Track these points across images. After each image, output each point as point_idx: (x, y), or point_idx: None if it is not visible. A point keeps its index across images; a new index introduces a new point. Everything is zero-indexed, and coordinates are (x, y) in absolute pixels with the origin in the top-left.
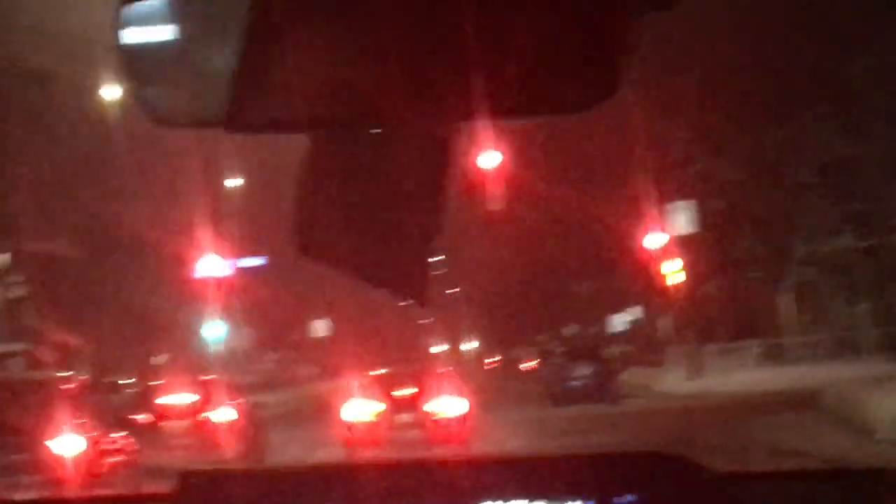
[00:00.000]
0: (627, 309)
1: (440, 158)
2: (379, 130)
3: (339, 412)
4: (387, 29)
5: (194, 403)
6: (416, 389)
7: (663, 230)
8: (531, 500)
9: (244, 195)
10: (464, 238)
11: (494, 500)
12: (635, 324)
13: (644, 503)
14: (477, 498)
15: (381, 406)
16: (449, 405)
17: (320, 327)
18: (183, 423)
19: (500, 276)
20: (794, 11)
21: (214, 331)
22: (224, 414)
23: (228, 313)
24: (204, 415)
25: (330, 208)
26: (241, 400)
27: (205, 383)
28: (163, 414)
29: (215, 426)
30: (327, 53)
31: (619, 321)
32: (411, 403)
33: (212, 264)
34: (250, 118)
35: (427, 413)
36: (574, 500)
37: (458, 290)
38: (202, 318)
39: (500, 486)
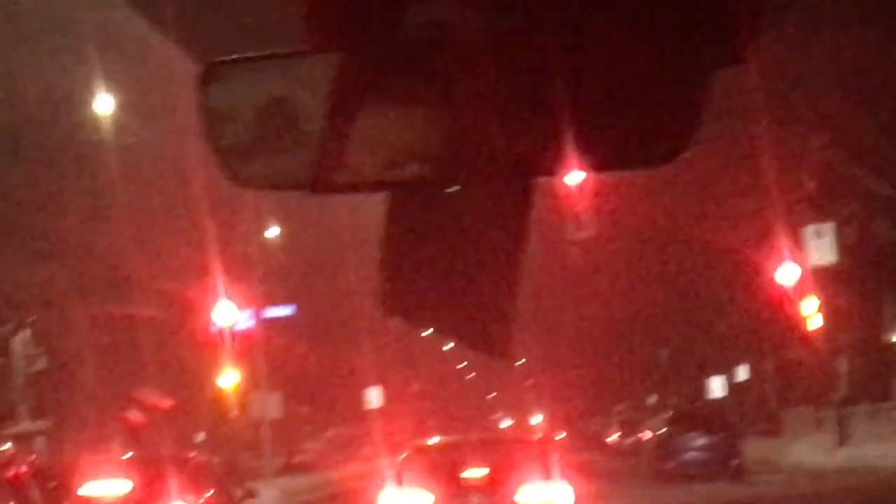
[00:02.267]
0: (731, 369)
1: (520, 213)
2: (457, 188)
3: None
4: (463, 88)
5: (127, 496)
6: (487, 470)
7: (794, 260)
8: None
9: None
10: (531, 286)
11: None
12: (738, 387)
13: None
14: None
15: (429, 498)
16: (549, 494)
17: (374, 397)
18: None
19: (573, 338)
20: None
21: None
22: None
23: (253, 373)
24: None
25: (410, 265)
26: (209, 493)
27: (146, 463)
28: None
29: None
30: (408, 114)
31: (718, 385)
32: (489, 489)
33: (228, 313)
34: (333, 180)
35: None
36: None
37: (523, 361)
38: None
39: None
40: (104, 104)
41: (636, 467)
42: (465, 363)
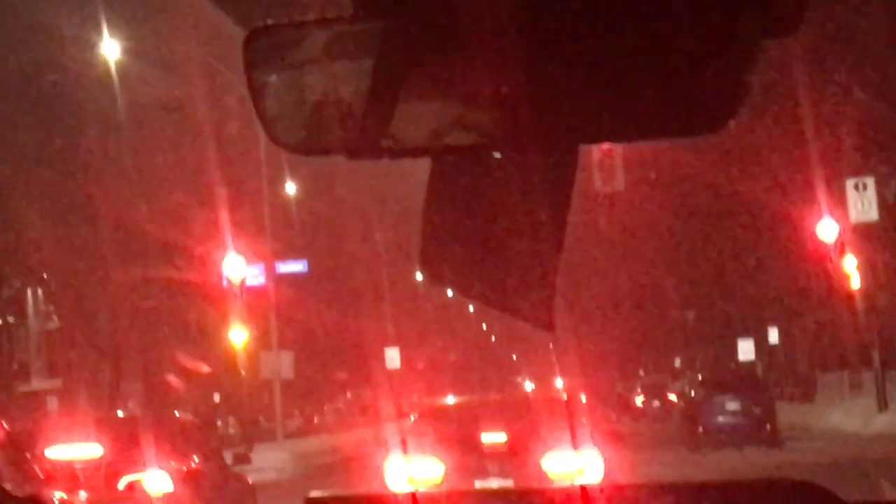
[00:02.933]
0: (761, 331)
1: (562, 181)
2: (499, 155)
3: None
4: (509, 54)
5: (100, 460)
6: (506, 435)
7: (833, 217)
8: None
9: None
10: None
11: None
12: (768, 350)
13: None
14: None
15: (439, 467)
16: (578, 462)
17: (394, 357)
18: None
19: (597, 299)
20: None
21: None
22: (156, 481)
23: (265, 331)
24: (126, 479)
25: (453, 233)
26: (193, 460)
27: (123, 425)
28: (50, 476)
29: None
30: (450, 80)
31: (748, 348)
32: (509, 457)
33: (237, 267)
34: (375, 146)
35: (544, 474)
36: None
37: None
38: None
39: None
40: (113, 52)
41: (665, 432)
42: (486, 326)
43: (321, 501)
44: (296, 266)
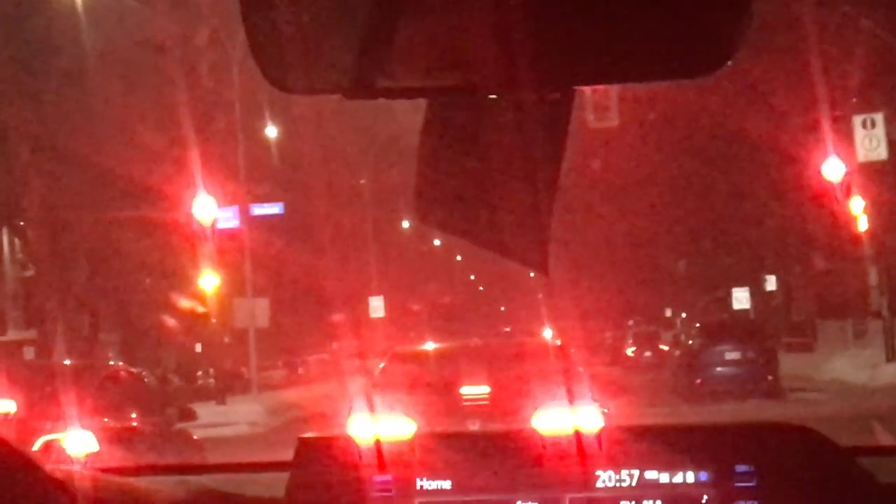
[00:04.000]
0: (757, 279)
1: (558, 123)
2: (495, 97)
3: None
4: None
5: (12, 417)
6: (489, 387)
7: (839, 157)
8: (648, 468)
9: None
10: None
11: (612, 467)
12: (765, 298)
13: (763, 473)
14: (594, 467)
15: (409, 425)
16: (574, 418)
17: (377, 306)
18: None
19: (586, 245)
20: None
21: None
22: (77, 441)
23: (240, 278)
24: (42, 440)
25: (447, 174)
26: (128, 416)
27: (45, 378)
28: None
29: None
30: (449, 21)
31: (743, 297)
32: (494, 412)
33: (207, 208)
34: (370, 85)
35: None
36: (692, 469)
37: (533, 274)
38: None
39: (618, 454)
40: None
41: (660, 383)
42: (474, 277)
43: (313, 442)
44: (272, 209)
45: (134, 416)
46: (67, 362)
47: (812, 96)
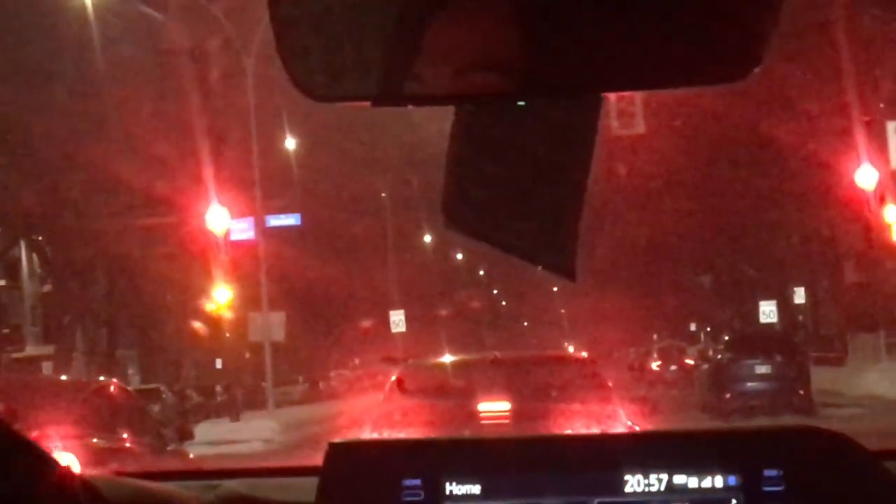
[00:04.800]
0: (784, 292)
1: (586, 129)
2: (523, 103)
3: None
4: (532, 1)
5: None
6: (509, 404)
7: (873, 164)
8: (677, 473)
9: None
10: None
11: (640, 471)
12: (793, 311)
13: (791, 477)
14: (622, 470)
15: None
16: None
17: (398, 320)
18: None
19: (610, 259)
20: None
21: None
22: None
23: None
24: None
25: (475, 181)
26: (118, 435)
27: (24, 394)
28: None
29: None
30: (474, 26)
31: (770, 310)
32: (516, 431)
33: (220, 219)
34: (398, 92)
35: None
36: (720, 473)
37: (556, 289)
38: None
39: (646, 458)
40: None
41: (688, 398)
42: (496, 291)
43: (343, 446)
44: (288, 220)
45: (125, 435)
46: (64, 378)
47: (843, 101)
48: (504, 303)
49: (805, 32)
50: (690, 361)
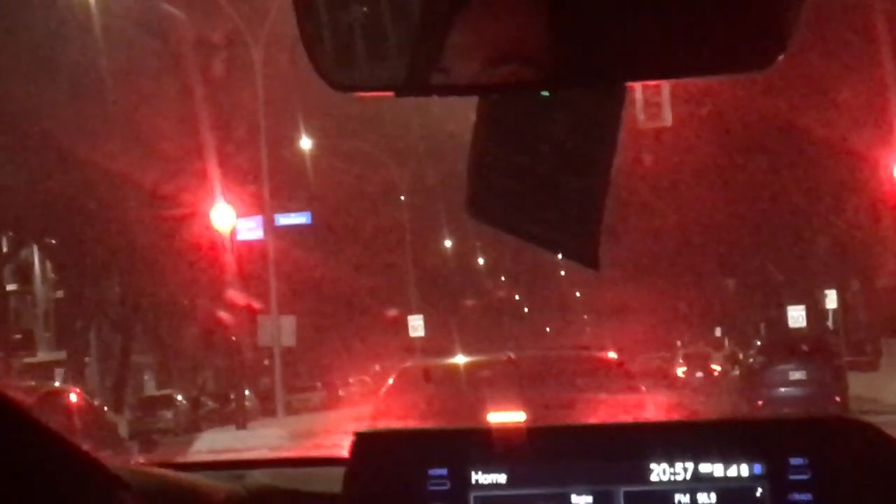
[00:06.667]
0: (814, 296)
1: (611, 119)
2: (547, 93)
3: None
4: None
5: None
6: (524, 417)
7: None
8: (702, 461)
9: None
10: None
11: (665, 460)
12: (822, 315)
13: (818, 466)
14: (648, 459)
15: None
16: None
17: (418, 325)
18: None
19: (634, 261)
20: None
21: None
22: None
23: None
24: None
25: (500, 171)
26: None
27: None
28: None
29: None
30: (498, 16)
31: (798, 315)
32: None
33: (225, 217)
34: (423, 83)
35: None
36: (745, 461)
37: (579, 295)
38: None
39: (671, 447)
40: None
41: (718, 406)
42: (518, 296)
43: (369, 436)
44: (298, 218)
45: (83, 447)
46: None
47: (881, 89)
48: (526, 309)
49: (840, 16)
50: (717, 367)
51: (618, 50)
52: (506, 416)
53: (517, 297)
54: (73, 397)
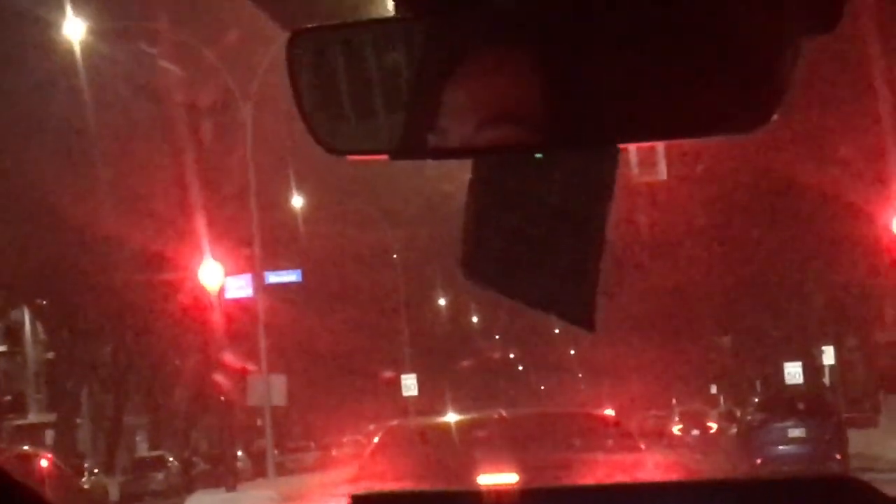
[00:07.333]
0: (810, 352)
1: (605, 179)
2: (540, 155)
3: None
4: (549, 55)
5: None
6: (517, 478)
7: None
8: None
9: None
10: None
11: None
12: (819, 372)
13: None
14: None
15: None
16: None
17: (410, 384)
18: None
19: (627, 321)
20: None
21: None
22: None
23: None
24: None
25: (495, 233)
26: None
27: None
28: None
29: None
30: (492, 80)
31: (796, 371)
32: None
33: (213, 275)
34: (417, 146)
35: None
36: None
37: (573, 352)
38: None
39: None
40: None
41: (715, 464)
42: (513, 355)
43: (366, 499)
44: (288, 276)
45: None
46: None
47: (878, 145)
48: (521, 367)
49: (836, 72)
50: (713, 425)
51: (611, 112)
52: (497, 478)
53: (511, 356)
54: (44, 462)
